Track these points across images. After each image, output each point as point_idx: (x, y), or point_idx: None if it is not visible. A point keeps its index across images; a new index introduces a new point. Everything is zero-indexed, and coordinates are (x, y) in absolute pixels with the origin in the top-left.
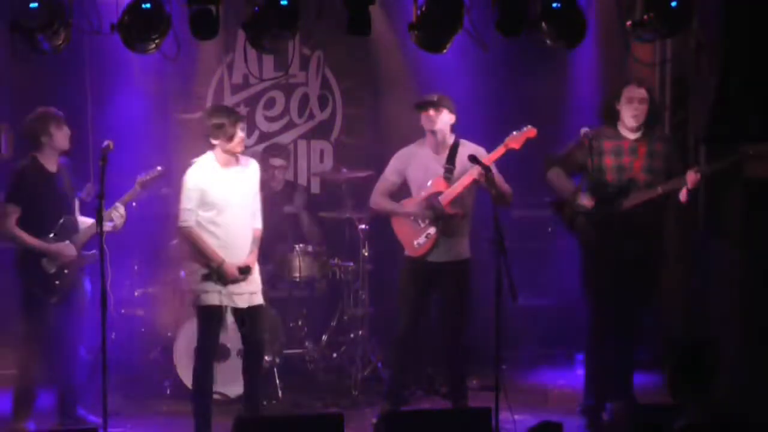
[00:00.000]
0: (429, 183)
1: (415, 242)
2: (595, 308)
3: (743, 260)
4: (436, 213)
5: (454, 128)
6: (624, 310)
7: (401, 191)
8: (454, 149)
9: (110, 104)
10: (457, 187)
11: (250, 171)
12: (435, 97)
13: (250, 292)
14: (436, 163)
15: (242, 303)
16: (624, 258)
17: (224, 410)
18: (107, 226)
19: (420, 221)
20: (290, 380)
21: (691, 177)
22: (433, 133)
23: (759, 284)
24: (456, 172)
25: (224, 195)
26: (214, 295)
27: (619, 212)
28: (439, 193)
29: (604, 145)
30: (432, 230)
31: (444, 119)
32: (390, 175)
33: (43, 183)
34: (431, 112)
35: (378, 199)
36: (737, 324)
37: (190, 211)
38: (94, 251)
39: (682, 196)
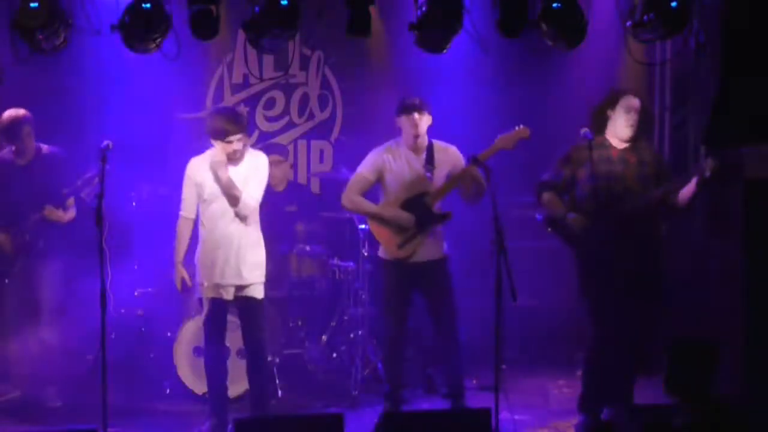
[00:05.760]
0: (410, 184)
1: (398, 244)
2: (596, 320)
3: (744, 260)
4: (424, 216)
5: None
6: (625, 320)
7: (372, 190)
8: (430, 150)
9: (110, 104)
10: (444, 187)
11: (246, 163)
12: (417, 101)
13: (236, 285)
14: (417, 163)
15: (228, 296)
16: (623, 267)
17: None
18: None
19: (406, 226)
20: (290, 380)
21: (709, 162)
22: (416, 135)
23: (760, 284)
24: (436, 172)
25: (214, 188)
26: (202, 288)
27: (618, 220)
28: (425, 194)
29: (593, 154)
30: (418, 233)
31: (426, 122)
32: (368, 173)
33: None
34: (416, 115)
35: (355, 198)
36: (737, 324)
37: (184, 201)
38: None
39: (688, 191)
